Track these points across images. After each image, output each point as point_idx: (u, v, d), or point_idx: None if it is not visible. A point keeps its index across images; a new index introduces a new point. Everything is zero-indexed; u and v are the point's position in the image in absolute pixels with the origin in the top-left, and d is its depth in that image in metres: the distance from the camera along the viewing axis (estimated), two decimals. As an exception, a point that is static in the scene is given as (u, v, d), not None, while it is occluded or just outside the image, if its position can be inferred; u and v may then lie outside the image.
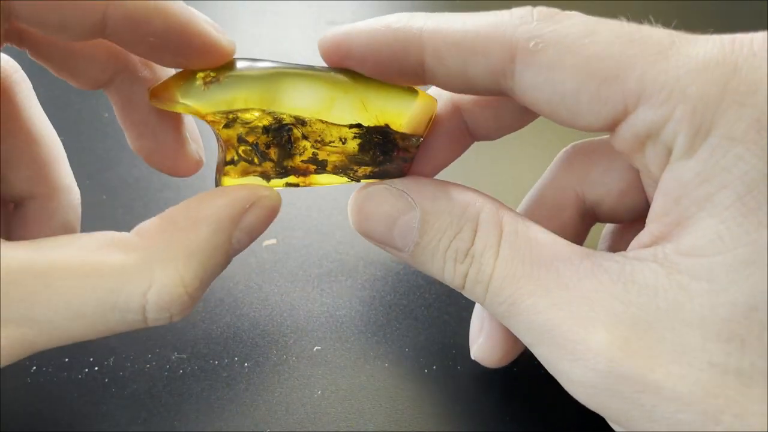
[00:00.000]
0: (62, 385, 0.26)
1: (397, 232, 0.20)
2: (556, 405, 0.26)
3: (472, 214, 0.19)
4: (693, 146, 0.15)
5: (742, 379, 0.15)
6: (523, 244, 0.18)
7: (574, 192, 0.23)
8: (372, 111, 0.19)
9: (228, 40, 0.19)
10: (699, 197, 0.15)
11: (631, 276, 0.16)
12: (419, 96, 0.20)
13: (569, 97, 0.16)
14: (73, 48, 0.19)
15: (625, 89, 0.16)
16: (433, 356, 0.27)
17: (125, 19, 0.17)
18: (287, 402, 0.25)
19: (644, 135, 0.16)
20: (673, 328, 0.15)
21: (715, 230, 0.15)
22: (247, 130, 0.19)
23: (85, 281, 0.16)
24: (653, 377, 0.15)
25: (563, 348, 0.16)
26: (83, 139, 0.37)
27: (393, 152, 0.20)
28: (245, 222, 0.19)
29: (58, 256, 0.16)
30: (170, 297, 0.17)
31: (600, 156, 0.22)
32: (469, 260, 0.18)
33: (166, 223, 0.18)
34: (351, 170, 0.20)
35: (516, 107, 0.21)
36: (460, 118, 0.22)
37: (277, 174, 0.20)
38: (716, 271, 0.15)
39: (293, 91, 0.19)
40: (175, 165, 0.22)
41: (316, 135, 0.19)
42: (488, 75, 0.17)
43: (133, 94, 0.21)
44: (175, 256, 0.17)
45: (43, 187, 0.22)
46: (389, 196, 0.20)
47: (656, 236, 0.17)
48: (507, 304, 0.18)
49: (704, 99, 0.15)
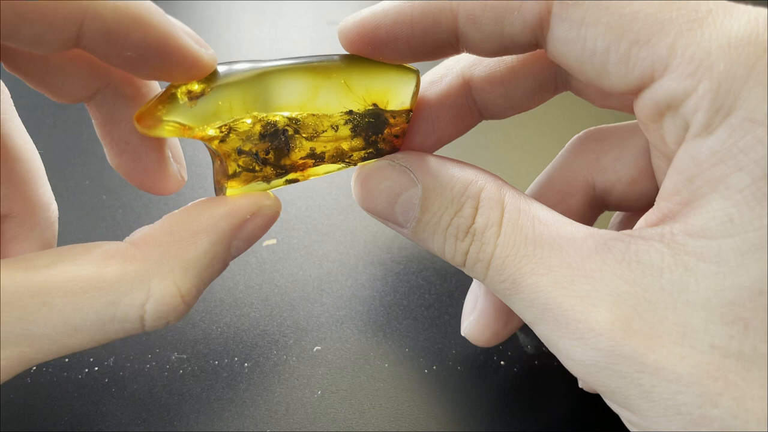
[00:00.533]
0: (62, 385, 0.26)
1: (399, 207, 0.19)
2: (556, 405, 0.26)
3: (473, 192, 0.19)
4: (712, 124, 0.15)
5: (743, 363, 0.15)
6: (526, 222, 0.18)
7: (585, 178, 0.23)
8: (357, 91, 0.19)
9: (209, 54, 0.18)
10: (713, 177, 0.15)
11: (635, 255, 0.16)
12: (402, 70, 0.20)
13: (598, 55, 0.16)
14: (50, 62, 0.18)
15: (654, 55, 0.15)
16: (433, 356, 0.27)
17: (102, 32, 0.16)
18: (287, 402, 0.25)
19: (665, 105, 0.16)
20: (676, 309, 0.15)
21: (726, 212, 0.15)
22: (244, 140, 0.19)
23: (83, 297, 0.16)
24: (654, 357, 0.15)
25: (565, 326, 0.16)
26: (83, 140, 0.37)
27: (384, 131, 0.20)
28: (245, 232, 0.19)
29: (53, 273, 0.16)
30: (167, 308, 0.17)
31: (612, 143, 0.22)
32: (470, 238, 0.18)
33: (164, 233, 0.18)
34: (347, 156, 0.20)
35: (527, 86, 0.21)
36: (469, 94, 0.22)
37: (277, 175, 0.20)
38: (724, 253, 0.15)
39: (277, 87, 0.19)
40: (155, 185, 0.22)
41: (310, 129, 0.19)
42: (526, 30, 0.17)
43: (114, 111, 0.20)
44: (172, 268, 0.17)
45: (20, 206, 0.21)
46: (392, 172, 0.20)
47: (665, 214, 0.17)
48: (509, 282, 0.17)
49: (730, 78, 0.15)
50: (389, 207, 0.20)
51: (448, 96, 0.21)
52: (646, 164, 0.21)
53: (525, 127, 0.38)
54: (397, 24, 0.18)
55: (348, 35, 0.19)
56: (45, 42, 0.16)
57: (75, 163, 0.36)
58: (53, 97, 0.20)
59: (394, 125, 0.20)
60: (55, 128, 0.38)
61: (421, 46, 0.18)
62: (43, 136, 0.37)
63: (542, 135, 0.39)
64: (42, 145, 0.22)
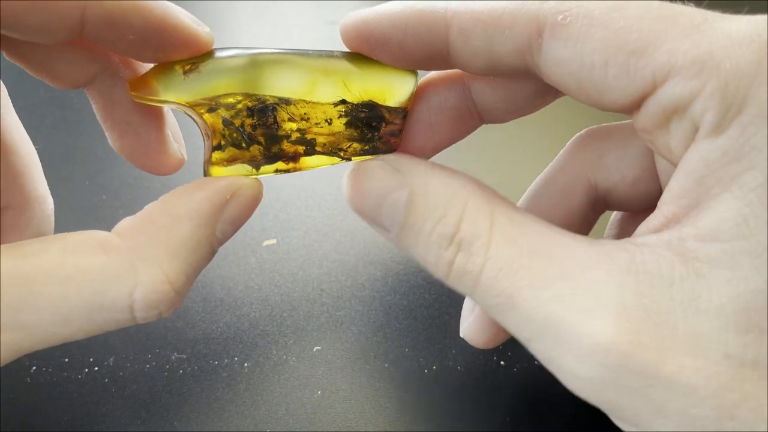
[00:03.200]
0: (62, 385, 0.26)
1: (386, 210, 0.19)
2: (557, 405, 0.26)
3: (460, 199, 0.18)
4: (722, 124, 0.15)
5: (759, 372, 0.14)
6: (519, 233, 0.17)
7: (586, 177, 0.22)
8: (354, 90, 0.19)
9: (206, 31, 0.19)
10: (724, 177, 0.15)
11: (643, 266, 0.15)
12: (401, 71, 0.20)
13: (597, 70, 0.16)
14: (51, 49, 0.19)
15: (654, 62, 0.15)
16: (433, 356, 0.27)
17: (104, 19, 0.16)
18: (287, 402, 0.25)
19: (671, 110, 0.16)
20: (687, 319, 0.15)
21: (739, 213, 0.14)
22: (232, 113, 0.19)
23: (70, 285, 0.16)
24: (666, 371, 0.14)
25: (567, 342, 0.16)
26: (83, 139, 0.37)
27: (380, 127, 0.20)
28: (227, 213, 0.18)
29: (41, 261, 0.16)
30: (157, 295, 0.17)
31: (615, 142, 0.22)
32: (455, 248, 0.18)
33: (146, 221, 0.18)
34: (341, 150, 0.20)
35: (528, 89, 0.21)
36: (469, 97, 0.21)
37: (266, 160, 0.20)
38: (738, 257, 0.14)
39: (274, 76, 0.19)
40: (158, 164, 0.22)
41: (301, 114, 0.19)
42: (515, 51, 0.17)
43: (114, 94, 0.20)
44: (158, 255, 0.17)
45: (17, 198, 0.21)
46: (381, 173, 0.19)
47: (669, 219, 0.16)
48: (503, 296, 0.17)
49: (738, 75, 0.14)
50: (377, 209, 0.19)
51: (448, 99, 0.21)
52: (650, 164, 0.21)
53: (525, 128, 0.38)
54: (392, 27, 0.18)
55: (347, 32, 0.19)
56: (49, 31, 0.16)
57: (75, 163, 0.36)
58: (53, 83, 0.20)
59: (389, 122, 0.20)
60: (55, 128, 0.38)
61: (413, 51, 0.18)
62: (43, 135, 0.37)
63: (542, 136, 0.39)
64: (42, 145, 0.22)
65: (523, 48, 0.17)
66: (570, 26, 0.16)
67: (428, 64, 0.19)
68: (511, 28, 0.17)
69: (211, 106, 0.19)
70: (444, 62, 0.19)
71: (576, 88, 0.17)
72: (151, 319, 0.17)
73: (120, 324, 0.17)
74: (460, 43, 0.18)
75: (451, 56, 0.18)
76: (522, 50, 0.17)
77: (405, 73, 0.20)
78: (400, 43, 0.18)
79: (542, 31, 0.16)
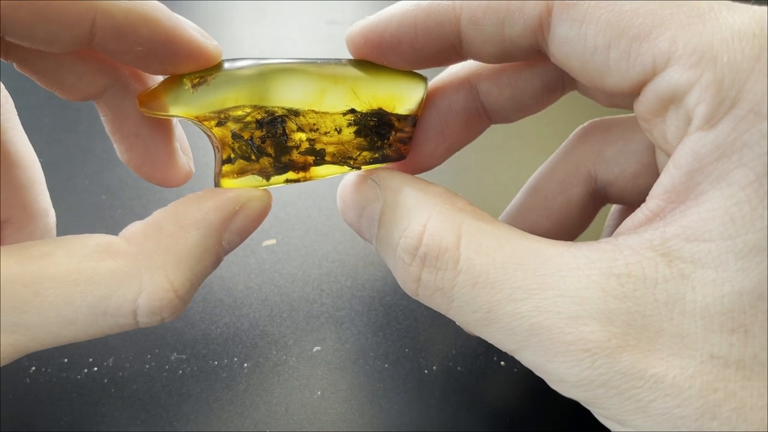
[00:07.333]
0: (62, 385, 0.26)
1: (364, 222, 0.19)
2: (556, 405, 0.26)
3: (424, 211, 0.17)
4: (714, 117, 0.14)
5: (743, 372, 0.14)
6: (491, 244, 0.16)
7: (587, 169, 0.22)
8: (363, 98, 0.19)
9: (214, 45, 0.19)
10: (714, 173, 0.14)
11: (626, 268, 0.15)
12: (410, 77, 0.20)
13: (599, 52, 0.16)
14: (61, 61, 0.19)
15: (655, 49, 0.15)
16: (433, 356, 0.27)
17: (113, 29, 0.17)
18: (287, 403, 0.25)
19: (668, 99, 0.15)
20: (672, 320, 0.15)
21: (726, 212, 0.14)
22: (241, 125, 0.19)
23: (75, 289, 0.16)
24: (652, 372, 0.14)
25: (554, 350, 0.15)
26: (83, 139, 0.37)
27: (390, 135, 0.20)
28: (235, 224, 0.19)
29: (47, 264, 0.16)
30: (160, 302, 0.17)
31: (617, 135, 0.22)
32: (419, 262, 0.17)
33: (154, 228, 0.18)
34: (350, 158, 0.20)
35: (535, 86, 0.21)
36: (477, 99, 0.21)
37: (276, 170, 0.20)
38: (724, 257, 0.14)
39: (282, 86, 0.19)
40: (166, 176, 0.22)
41: (311, 125, 0.19)
42: (526, 32, 0.17)
43: (123, 107, 0.20)
44: (163, 263, 0.17)
45: (20, 212, 0.21)
46: (361, 185, 0.20)
47: (655, 213, 0.16)
48: (483, 311, 0.16)
49: (734, 69, 0.14)
50: (357, 220, 0.20)
51: (456, 102, 0.21)
52: (650, 159, 0.21)
53: (526, 127, 0.38)
54: (401, 27, 0.18)
55: (355, 40, 0.19)
56: (59, 40, 0.16)
57: (75, 163, 0.36)
58: (63, 95, 0.20)
59: (399, 129, 0.20)
60: (55, 128, 0.38)
61: (425, 49, 0.18)
62: (43, 136, 0.37)
63: (543, 135, 0.39)
64: (42, 145, 0.22)
65: (534, 27, 0.17)
66: (577, 7, 0.16)
67: (440, 60, 0.19)
68: (521, 10, 0.17)
69: (220, 119, 0.19)
70: (456, 55, 0.19)
71: (579, 69, 0.17)
72: (153, 324, 0.17)
73: (123, 328, 0.17)
74: (472, 32, 0.18)
75: (463, 47, 0.18)
76: (534, 30, 0.17)
77: (414, 80, 0.20)
78: (412, 43, 0.18)
79: (551, 10, 0.16)
